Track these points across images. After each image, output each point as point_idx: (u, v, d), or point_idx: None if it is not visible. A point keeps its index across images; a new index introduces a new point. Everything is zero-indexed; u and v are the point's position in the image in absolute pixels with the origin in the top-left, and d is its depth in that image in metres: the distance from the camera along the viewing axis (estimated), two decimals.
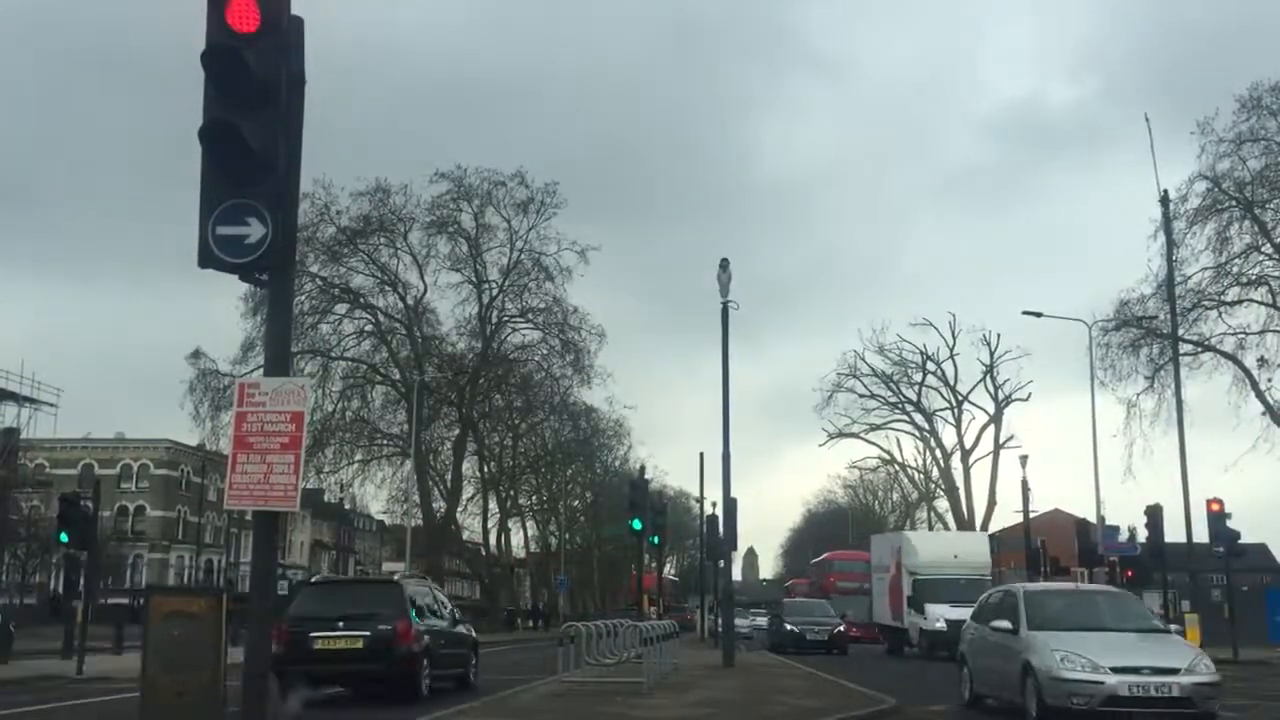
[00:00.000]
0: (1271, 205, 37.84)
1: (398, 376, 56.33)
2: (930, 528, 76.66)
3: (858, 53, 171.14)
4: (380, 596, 17.31)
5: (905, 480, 79.34)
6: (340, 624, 15.63)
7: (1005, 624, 14.27)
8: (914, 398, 68.13)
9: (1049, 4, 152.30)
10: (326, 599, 17.62)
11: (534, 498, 73.83)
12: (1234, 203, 37.85)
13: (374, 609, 16.41)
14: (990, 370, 63.87)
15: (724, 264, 25.61)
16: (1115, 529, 41.63)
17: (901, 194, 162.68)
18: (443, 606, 18.90)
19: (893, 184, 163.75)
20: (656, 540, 42.96)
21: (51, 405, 49.74)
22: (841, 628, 36.65)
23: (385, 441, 57.46)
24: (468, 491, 64.63)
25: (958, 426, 66.61)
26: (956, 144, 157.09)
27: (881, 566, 38.08)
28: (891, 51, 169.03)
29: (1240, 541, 30.71)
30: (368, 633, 15.90)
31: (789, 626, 36.66)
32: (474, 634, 20.38)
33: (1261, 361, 38.31)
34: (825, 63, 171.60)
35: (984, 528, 63.59)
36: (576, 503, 78.84)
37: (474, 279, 56.81)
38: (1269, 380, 38.08)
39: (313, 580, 25.83)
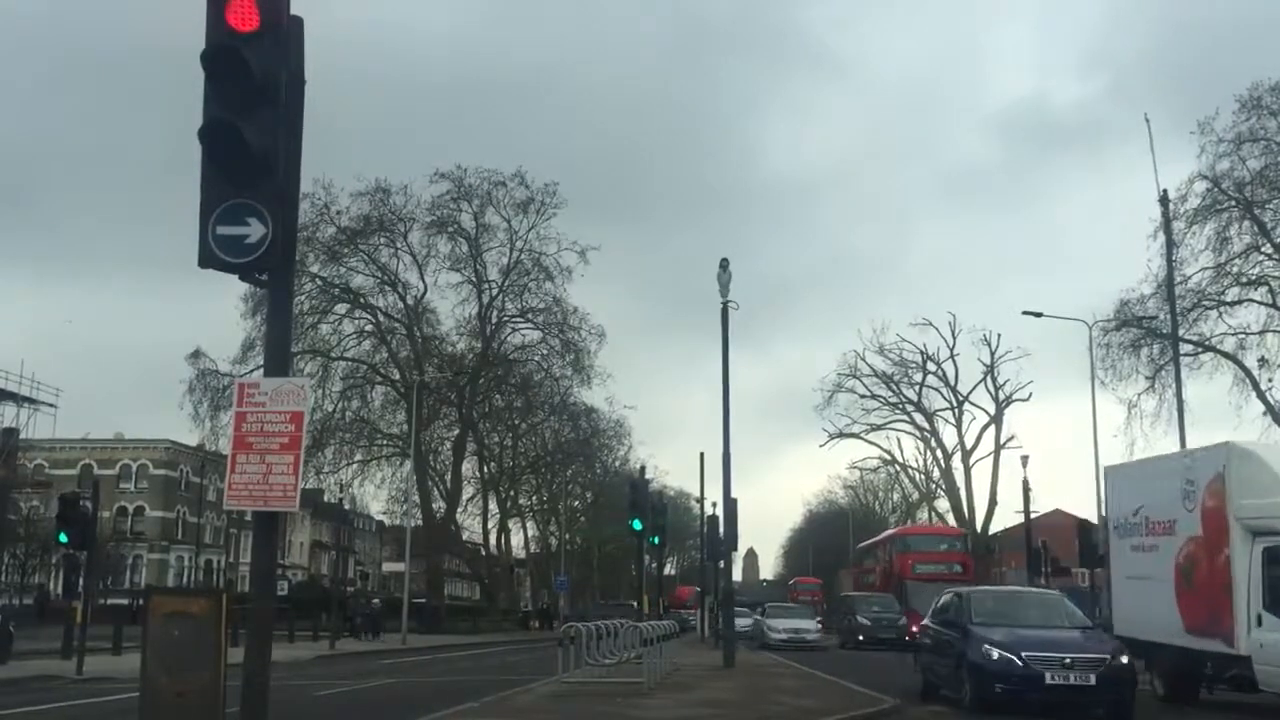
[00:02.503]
0: (1271, 205, 37.85)
1: (398, 376, 56.35)
2: None
3: (862, 51, 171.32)
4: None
5: (906, 480, 79.37)
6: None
7: None
8: (914, 398, 68.13)
9: (1055, 2, 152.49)
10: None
11: (534, 498, 73.84)
12: (1234, 203, 37.85)
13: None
14: (991, 370, 63.85)
15: (724, 264, 25.64)
16: None
17: (905, 193, 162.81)
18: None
19: (897, 183, 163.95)
20: (656, 540, 42.93)
21: (51, 405, 49.72)
22: (1125, 657, 15.21)
23: (385, 441, 57.48)
24: (468, 491, 64.75)
25: (958, 427, 66.58)
26: (961, 143, 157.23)
27: (1143, 525, 18.51)
28: (897, 50, 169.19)
29: None
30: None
31: (992, 650, 14.85)
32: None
33: (1262, 361, 38.35)
34: (830, 61, 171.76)
35: (985, 529, 63.25)
36: (576, 503, 78.80)
37: (474, 279, 56.93)
38: (1270, 380, 38.09)
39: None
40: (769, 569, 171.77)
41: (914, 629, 40.60)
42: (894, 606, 41.15)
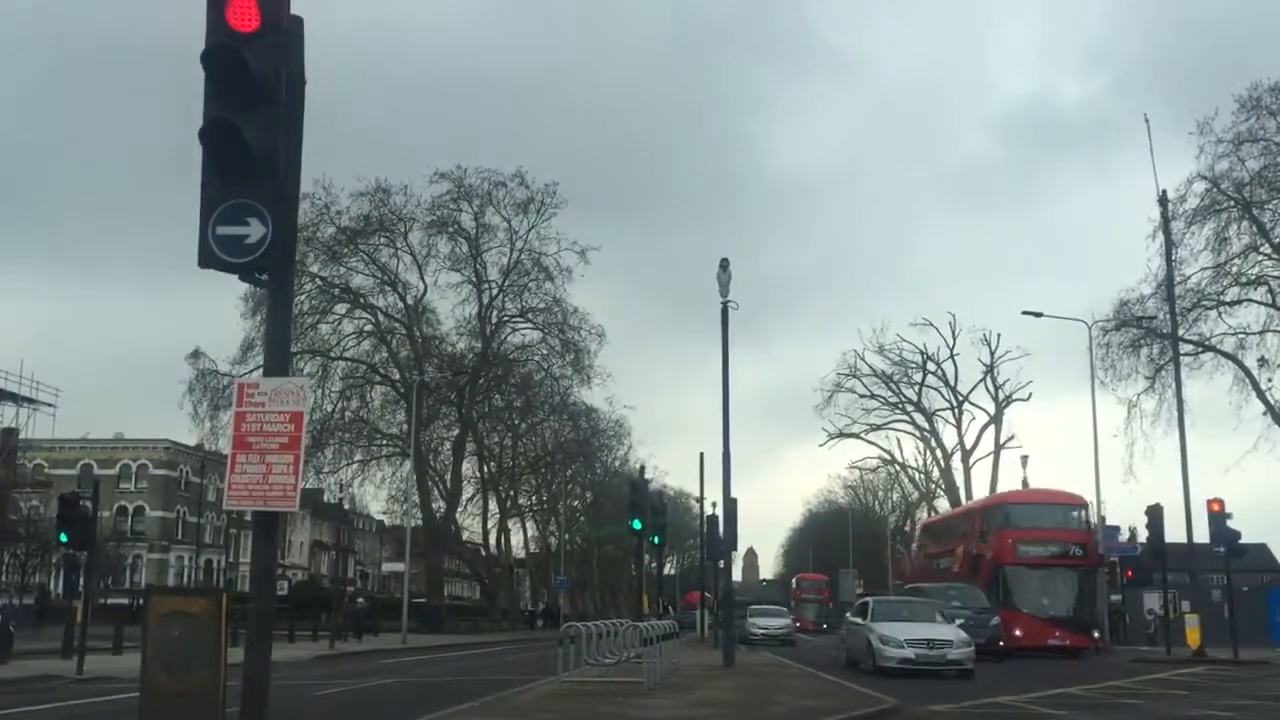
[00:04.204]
0: (1270, 205, 37.88)
1: (397, 376, 56.37)
2: None
3: (865, 50, 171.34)
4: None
5: (906, 480, 79.37)
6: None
7: None
8: (914, 398, 68.17)
9: (1058, 1, 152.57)
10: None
11: (534, 498, 73.87)
12: (1233, 203, 37.87)
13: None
14: (990, 370, 63.87)
15: (724, 264, 25.68)
16: (1116, 529, 41.72)
17: (907, 192, 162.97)
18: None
19: (899, 182, 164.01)
20: (657, 540, 42.92)
21: (51, 405, 49.84)
22: None
23: (385, 441, 57.49)
24: (467, 491, 64.78)
25: (958, 426, 66.59)
26: (964, 142, 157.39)
27: None
28: (900, 49, 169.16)
29: (1241, 542, 30.66)
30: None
31: None
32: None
33: (1262, 361, 38.38)
34: (833, 60, 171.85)
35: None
36: (576, 503, 78.84)
37: (474, 279, 56.96)
38: (1269, 380, 38.11)
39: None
40: (769, 569, 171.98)
41: (1017, 632, 30.85)
42: (979, 600, 31.14)
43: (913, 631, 22.56)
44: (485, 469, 63.99)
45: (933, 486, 72.69)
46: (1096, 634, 32.96)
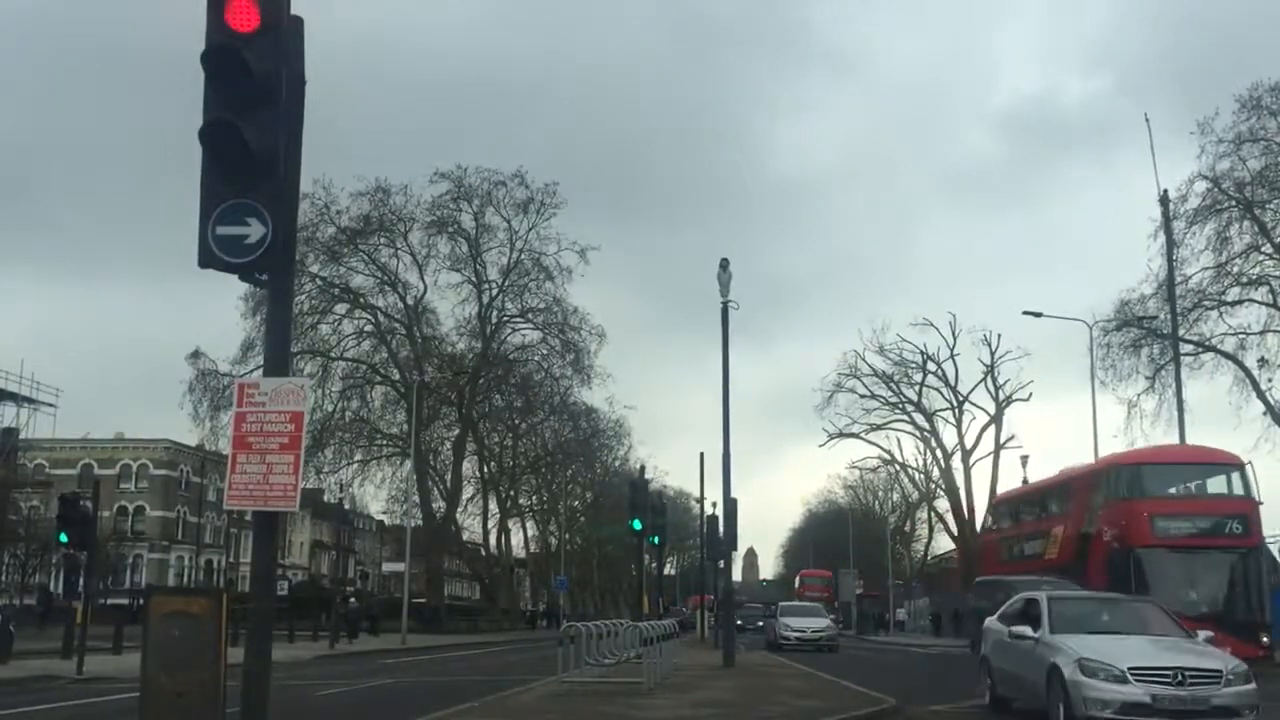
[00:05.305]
0: (1271, 205, 37.75)
1: (397, 376, 56.35)
2: (930, 528, 76.34)
3: (868, 49, 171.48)
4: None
5: (906, 480, 79.04)
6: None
7: None
8: (914, 398, 67.85)
9: (1061, 1, 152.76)
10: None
11: (534, 498, 73.84)
12: (1234, 203, 37.78)
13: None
14: (991, 370, 63.59)
15: (724, 264, 25.69)
16: None
17: (908, 192, 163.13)
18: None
19: (900, 182, 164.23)
20: (656, 540, 42.89)
21: (51, 405, 49.81)
22: None
23: (385, 441, 57.47)
24: (468, 491, 64.73)
25: (958, 427, 66.26)
26: (965, 142, 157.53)
27: None
28: (902, 48, 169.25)
29: None
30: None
31: None
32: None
33: (1262, 362, 38.23)
34: (836, 59, 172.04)
35: (985, 528, 62.72)
36: (576, 503, 78.82)
37: (474, 279, 56.92)
38: (1269, 380, 38.01)
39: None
40: (769, 569, 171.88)
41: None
42: None
43: (1141, 655, 12.63)
44: (485, 469, 63.98)
45: (933, 487, 72.55)
46: (1265, 639, 23.92)
